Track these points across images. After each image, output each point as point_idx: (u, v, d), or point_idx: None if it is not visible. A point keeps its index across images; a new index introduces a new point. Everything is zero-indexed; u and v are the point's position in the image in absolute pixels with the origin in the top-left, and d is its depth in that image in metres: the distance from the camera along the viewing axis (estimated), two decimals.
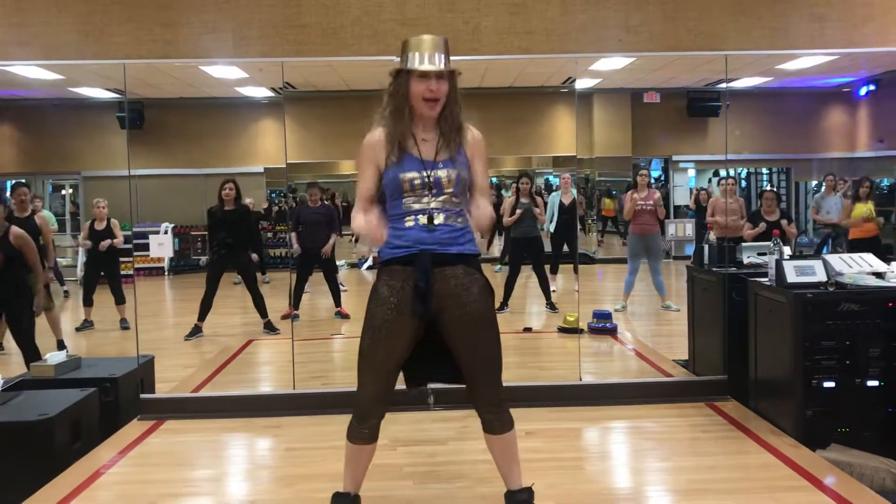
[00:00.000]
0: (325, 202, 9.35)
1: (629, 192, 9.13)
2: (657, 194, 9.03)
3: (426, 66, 2.94)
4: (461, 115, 3.06)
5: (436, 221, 2.98)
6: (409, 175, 2.97)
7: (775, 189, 12.20)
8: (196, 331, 7.94)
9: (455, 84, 3.03)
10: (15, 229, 5.83)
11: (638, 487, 3.93)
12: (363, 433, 3.06)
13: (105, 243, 8.48)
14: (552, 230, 9.69)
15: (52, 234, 7.53)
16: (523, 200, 8.85)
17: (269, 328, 8.05)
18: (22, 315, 5.89)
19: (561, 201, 9.74)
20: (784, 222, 7.87)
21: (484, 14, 4.95)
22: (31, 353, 5.82)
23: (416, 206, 2.99)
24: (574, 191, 10.00)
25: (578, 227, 10.68)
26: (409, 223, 2.99)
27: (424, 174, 2.97)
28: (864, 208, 9.24)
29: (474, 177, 3.07)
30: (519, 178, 9.28)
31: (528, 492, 3.17)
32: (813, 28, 5.08)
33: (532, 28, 4.94)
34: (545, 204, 9.53)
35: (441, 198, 2.99)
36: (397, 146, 2.98)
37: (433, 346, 3.07)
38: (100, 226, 8.63)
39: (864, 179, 9.59)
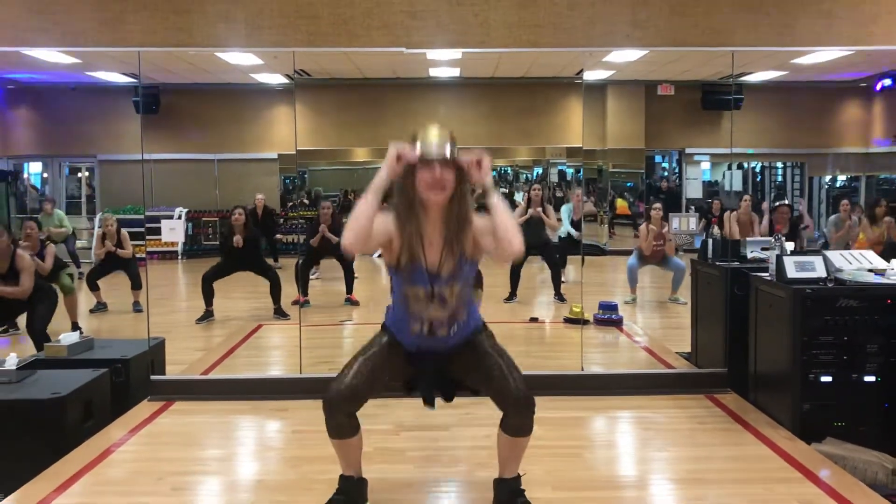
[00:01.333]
0: (338, 216, 9.49)
1: (643, 226, 9.22)
2: (667, 231, 9.10)
3: (430, 152, 2.96)
4: (470, 211, 3.04)
5: (439, 334, 3.14)
6: (415, 289, 3.07)
7: (788, 202, 12.19)
8: (207, 315, 8.06)
9: (462, 178, 3.01)
10: (20, 252, 6.23)
11: (634, 475, 4.01)
12: (336, 427, 3.19)
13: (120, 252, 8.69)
14: (562, 236, 9.77)
15: (50, 263, 7.75)
16: (533, 208, 9.00)
17: (280, 313, 8.17)
18: (42, 310, 6.16)
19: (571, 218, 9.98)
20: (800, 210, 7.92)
21: (493, 7, 4.99)
22: (39, 342, 6.00)
23: (422, 314, 3.11)
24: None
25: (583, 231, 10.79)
26: (414, 330, 3.15)
27: (429, 289, 3.06)
28: (878, 231, 9.16)
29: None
30: (530, 186, 9.47)
31: (517, 480, 3.29)
32: (820, 25, 5.09)
33: (540, 22, 4.98)
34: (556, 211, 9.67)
35: (444, 309, 3.10)
36: (406, 249, 3.01)
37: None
38: (111, 242, 8.80)
39: (880, 200, 9.52)
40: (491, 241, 2.95)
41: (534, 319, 8.10)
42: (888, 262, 4.68)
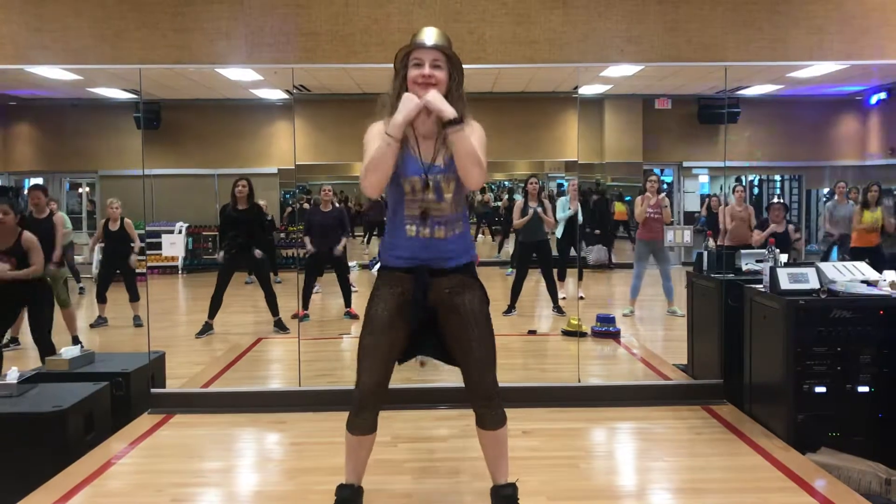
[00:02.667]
0: (337, 205, 9.49)
1: (640, 197, 9.23)
2: (665, 201, 9.13)
3: (421, 41, 3.01)
4: (465, 110, 3.07)
5: (435, 235, 3.09)
6: (410, 178, 3.06)
7: (783, 200, 12.24)
8: (207, 328, 8.09)
9: (455, 75, 3.07)
10: (26, 234, 6.01)
11: (630, 485, 4.03)
12: (361, 424, 3.17)
13: (134, 260, 8.71)
14: (559, 235, 9.75)
15: (62, 237, 7.75)
16: (531, 204, 8.97)
17: (280, 327, 8.19)
18: (42, 312, 6.09)
19: (569, 207, 9.80)
20: (791, 227, 8.00)
21: (489, 24, 5.06)
22: (46, 348, 5.99)
23: (417, 213, 3.07)
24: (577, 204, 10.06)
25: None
26: (410, 232, 3.09)
27: (424, 178, 3.05)
28: (871, 216, 9.26)
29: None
30: (527, 179, 9.41)
31: (513, 487, 3.29)
32: (812, 40, 5.16)
33: (535, 38, 5.05)
34: (554, 208, 9.59)
35: (441, 203, 3.07)
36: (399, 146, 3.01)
37: (425, 330, 3.20)
38: (114, 226, 8.80)
39: (872, 184, 9.58)
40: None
41: (532, 332, 8.14)
42: (885, 256, 4.72)
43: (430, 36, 3.05)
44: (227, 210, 8.34)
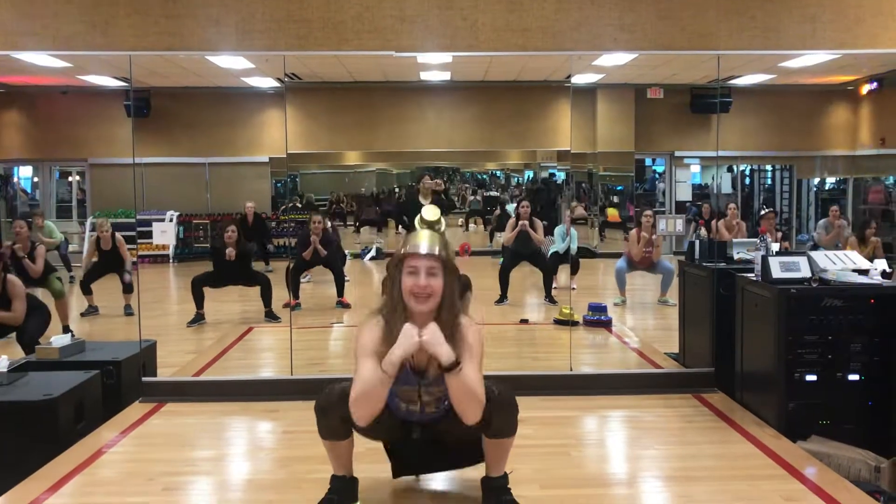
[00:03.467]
0: (328, 230, 9.49)
1: (633, 232, 9.31)
2: (660, 239, 9.18)
3: (414, 247, 3.00)
4: (459, 316, 3.06)
5: (425, 413, 3.19)
6: (403, 389, 3.11)
7: (773, 209, 12.32)
8: (198, 318, 8.08)
9: (451, 283, 3.05)
10: (10, 278, 6.26)
11: (621, 473, 4.05)
12: (329, 428, 3.21)
13: (128, 279, 8.74)
14: (561, 252, 9.78)
15: (42, 264, 7.87)
16: (521, 225, 9.12)
17: (271, 316, 8.19)
18: (32, 325, 6.20)
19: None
20: (778, 235, 8.11)
21: (482, 11, 5.04)
22: (30, 350, 6.01)
23: (411, 404, 3.17)
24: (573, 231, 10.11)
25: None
26: (402, 407, 3.18)
27: (417, 390, 3.10)
28: (868, 247, 9.23)
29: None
30: (519, 202, 9.62)
31: (504, 478, 3.31)
32: (805, 29, 5.15)
33: (528, 25, 5.03)
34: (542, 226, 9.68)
35: (433, 405, 3.16)
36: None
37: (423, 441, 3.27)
38: (106, 246, 8.81)
39: (870, 222, 9.62)
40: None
41: (524, 321, 8.14)
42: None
43: (425, 242, 3.03)
44: (215, 251, 8.52)
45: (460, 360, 2.93)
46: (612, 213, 15.01)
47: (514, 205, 9.99)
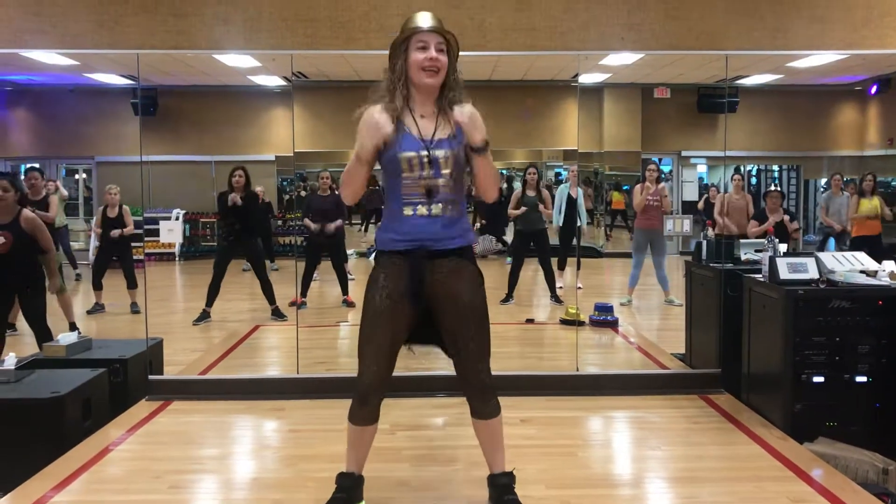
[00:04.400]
0: (335, 191, 9.45)
1: (638, 185, 9.20)
2: (665, 189, 9.11)
3: (425, 24, 3.02)
4: (462, 92, 3.09)
5: (433, 213, 3.05)
6: (408, 154, 3.02)
7: (780, 188, 12.25)
8: (204, 316, 8.09)
9: (453, 58, 3.09)
10: (26, 213, 5.94)
11: (627, 474, 4.04)
12: (364, 415, 3.17)
13: (115, 232, 8.66)
14: (560, 224, 9.67)
15: (56, 211, 7.79)
16: (530, 193, 8.95)
17: (277, 314, 8.19)
18: (34, 297, 6.04)
19: (569, 194, 9.66)
20: (786, 218, 8.00)
21: (489, 11, 5.04)
22: (43, 333, 5.97)
23: (415, 191, 3.04)
24: (579, 189, 9.95)
25: (586, 220, 10.67)
26: (408, 212, 3.06)
27: (423, 153, 3.02)
28: (869, 204, 9.27)
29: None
30: (526, 169, 9.36)
31: (510, 476, 3.29)
32: (813, 30, 5.14)
33: (535, 25, 5.03)
34: (552, 197, 9.54)
35: (439, 180, 3.04)
36: (396, 122, 3.02)
37: (422, 317, 3.18)
38: (112, 213, 8.79)
39: (868, 174, 9.62)
40: (473, 135, 3.00)
41: (529, 321, 8.14)
42: (883, 249, 4.72)
43: (428, 19, 3.06)
44: (224, 198, 8.31)
45: (488, 142, 3.04)
46: (617, 199, 14.95)
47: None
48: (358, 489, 3.32)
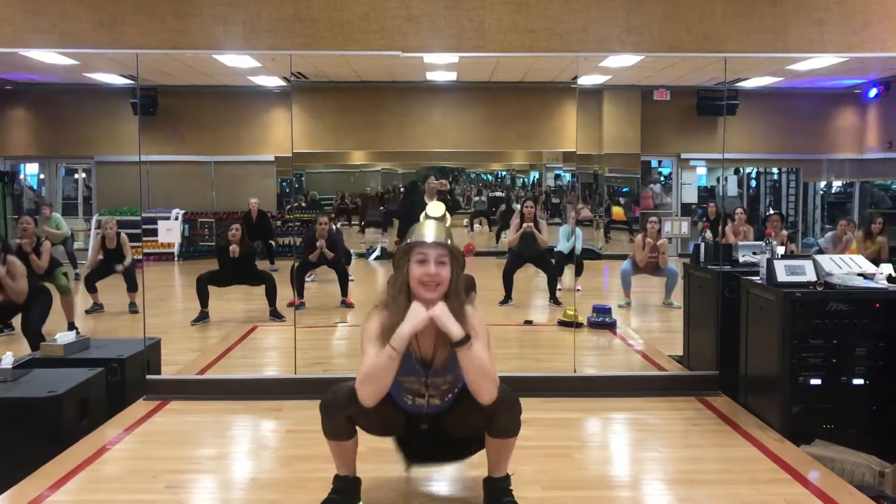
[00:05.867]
0: (333, 230, 9.49)
1: (639, 237, 9.30)
2: (665, 244, 9.16)
3: (428, 238, 3.01)
4: (463, 306, 3.07)
5: (430, 405, 3.18)
6: (408, 379, 3.10)
7: (778, 211, 12.26)
8: (203, 316, 8.09)
9: (457, 271, 3.07)
10: (11, 260, 6.27)
11: (624, 475, 4.04)
12: (334, 428, 3.22)
13: (119, 268, 8.78)
14: (565, 252, 9.72)
15: (47, 260, 7.92)
16: (527, 227, 9.08)
17: (275, 315, 8.20)
18: (35, 313, 6.16)
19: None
20: (784, 234, 8.08)
21: (488, 12, 5.04)
22: (35, 342, 6.02)
23: (416, 396, 3.16)
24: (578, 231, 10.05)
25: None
26: (407, 399, 3.18)
27: (422, 381, 3.10)
28: (873, 247, 9.13)
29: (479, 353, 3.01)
30: (523, 203, 9.62)
31: (506, 479, 3.30)
32: (812, 32, 5.14)
33: (535, 26, 5.03)
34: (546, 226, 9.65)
35: (438, 398, 3.16)
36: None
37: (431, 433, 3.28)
38: (111, 244, 8.85)
39: (877, 216, 9.48)
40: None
41: (528, 322, 8.14)
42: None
43: (432, 232, 3.05)
44: (222, 253, 8.48)
45: (470, 335, 2.95)
46: (618, 212, 14.97)
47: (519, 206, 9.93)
48: (354, 490, 3.33)
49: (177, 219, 13.40)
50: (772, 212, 9.26)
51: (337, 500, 3.28)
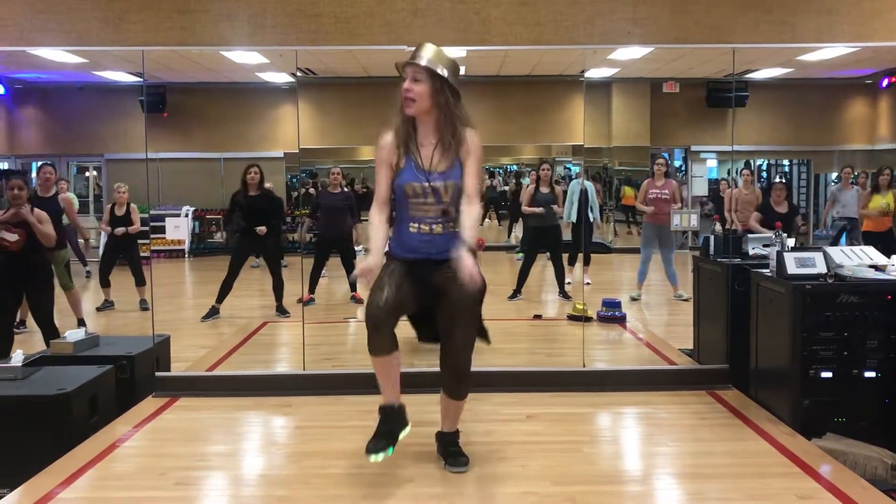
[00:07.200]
0: (345, 188, 9.42)
1: (646, 181, 9.14)
2: (674, 184, 9.04)
3: (410, 57, 3.30)
4: (461, 120, 3.36)
5: (434, 232, 3.41)
6: (411, 185, 3.38)
7: (785, 181, 12.15)
8: (213, 312, 8.10)
9: (443, 89, 3.31)
10: (38, 210, 5.98)
11: (634, 470, 4.02)
12: (381, 343, 3.34)
13: (119, 230, 8.67)
14: (573, 220, 9.60)
15: (75, 212, 7.76)
16: (543, 190, 8.88)
17: (281, 311, 8.18)
18: (41, 294, 6.06)
19: (583, 189, 9.61)
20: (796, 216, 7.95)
21: (494, 5, 5.02)
22: (49, 331, 6.00)
23: (419, 214, 3.41)
24: (589, 183, 9.89)
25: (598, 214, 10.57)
26: (413, 230, 3.42)
27: (425, 185, 3.33)
28: (882, 200, 9.16)
29: (465, 179, 3.38)
30: (539, 165, 9.29)
31: (454, 434, 3.81)
32: (821, 22, 5.10)
33: (540, 19, 5.01)
34: (564, 193, 9.45)
35: (439, 206, 3.38)
36: (403, 152, 3.39)
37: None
38: (119, 211, 8.81)
39: (884, 168, 9.47)
40: (472, 169, 3.35)
41: (537, 316, 8.12)
42: (893, 245, 4.68)
43: (419, 52, 3.34)
44: (238, 197, 8.27)
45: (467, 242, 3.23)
46: (629, 194, 14.84)
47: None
48: (399, 417, 3.58)
49: (187, 216, 13.43)
50: (776, 181, 9.13)
51: (386, 433, 3.50)
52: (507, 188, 16.80)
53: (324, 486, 3.51)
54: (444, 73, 3.32)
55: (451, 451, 3.78)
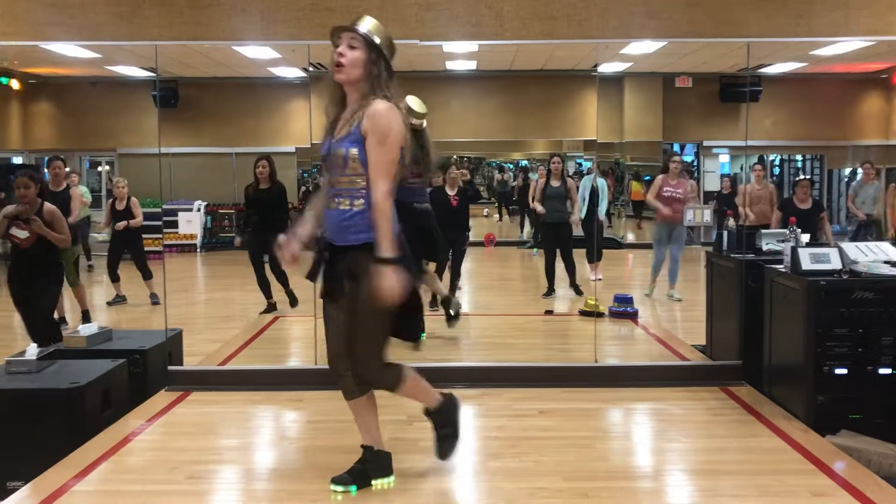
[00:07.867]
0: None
1: (659, 177, 9.06)
2: (690, 183, 8.98)
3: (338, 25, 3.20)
4: (378, 91, 3.15)
5: (331, 206, 3.20)
6: (322, 152, 3.26)
7: (809, 177, 12.03)
8: (270, 308, 8.00)
9: (378, 61, 3.16)
10: (48, 206, 5.97)
11: (646, 466, 4.01)
12: (344, 386, 3.41)
13: (120, 224, 8.66)
14: (583, 216, 9.51)
15: (80, 208, 7.76)
16: (554, 184, 8.78)
17: (290, 297, 8.07)
18: (48, 291, 6.05)
19: (594, 185, 9.51)
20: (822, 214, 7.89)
21: None
22: (46, 328, 5.92)
23: (326, 185, 3.26)
24: (602, 180, 9.81)
25: (605, 210, 10.47)
26: (323, 202, 3.29)
27: (323, 153, 3.24)
28: None
29: (367, 154, 3.12)
30: (550, 157, 9.13)
31: (433, 413, 3.58)
32: (837, 16, 5.04)
33: (554, 13, 4.98)
34: (577, 186, 9.34)
35: (340, 177, 3.16)
36: (329, 117, 3.28)
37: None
38: (120, 205, 8.79)
39: None
40: (372, 145, 3.08)
41: (548, 312, 8.10)
42: None
43: (353, 20, 3.21)
44: (248, 191, 8.24)
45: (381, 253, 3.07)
46: (637, 189, 14.78)
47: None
48: (379, 462, 3.46)
49: (199, 210, 13.46)
50: (801, 177, 8.97)
51: (357, 469, 3.47)
52: (514, 183, 16.78)
53: None
54: (379, 42, 3.19)
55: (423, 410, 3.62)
